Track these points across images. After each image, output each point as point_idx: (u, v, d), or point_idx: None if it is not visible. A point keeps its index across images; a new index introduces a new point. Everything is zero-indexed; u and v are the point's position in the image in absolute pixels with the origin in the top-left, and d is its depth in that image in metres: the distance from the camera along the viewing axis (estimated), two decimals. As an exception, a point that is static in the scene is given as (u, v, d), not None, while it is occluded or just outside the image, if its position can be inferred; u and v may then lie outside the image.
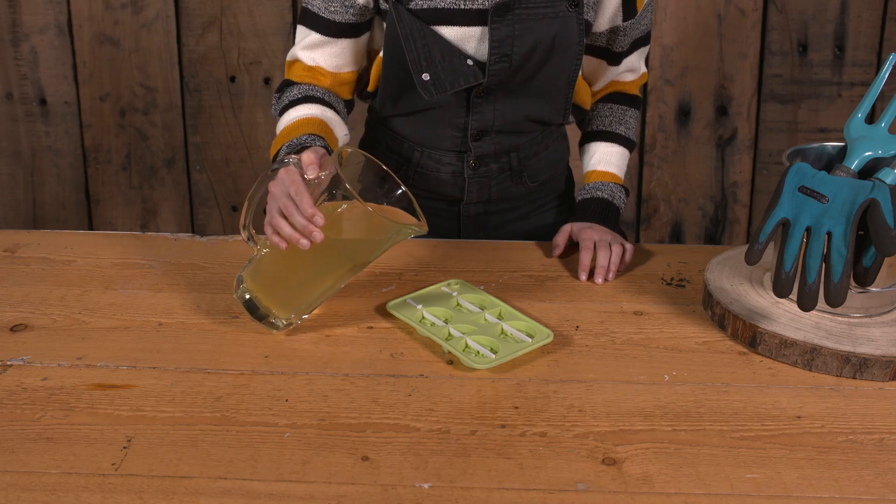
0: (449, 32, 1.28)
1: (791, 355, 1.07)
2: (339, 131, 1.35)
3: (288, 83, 1.37)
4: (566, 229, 1.35)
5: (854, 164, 1.15)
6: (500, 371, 1.05)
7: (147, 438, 0.93)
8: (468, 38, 1.28)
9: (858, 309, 1.11)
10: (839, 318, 1.11)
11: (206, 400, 0.99)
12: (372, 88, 1.39)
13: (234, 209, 2.49)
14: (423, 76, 1.27)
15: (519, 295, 1.22)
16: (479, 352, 1.08)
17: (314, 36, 1.34)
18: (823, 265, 1.04)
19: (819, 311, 1.11)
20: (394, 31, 1.27)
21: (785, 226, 1.07)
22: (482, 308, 1.17)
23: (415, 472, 0.89)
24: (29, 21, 2.34)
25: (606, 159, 1.45)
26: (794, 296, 1.07)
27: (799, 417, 0.97)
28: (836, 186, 1.06)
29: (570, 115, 1.42)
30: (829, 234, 1.04)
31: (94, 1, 2.32)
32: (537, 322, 1.13)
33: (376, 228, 1.07)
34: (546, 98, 1.36)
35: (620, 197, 1.42)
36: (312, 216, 1.03)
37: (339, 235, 1.07)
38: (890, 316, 1.12)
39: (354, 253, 1.10)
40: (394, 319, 1.16)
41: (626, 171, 1.47)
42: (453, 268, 1.29)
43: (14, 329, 1.13)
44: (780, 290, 1.05)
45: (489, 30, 1.26)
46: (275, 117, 1.37)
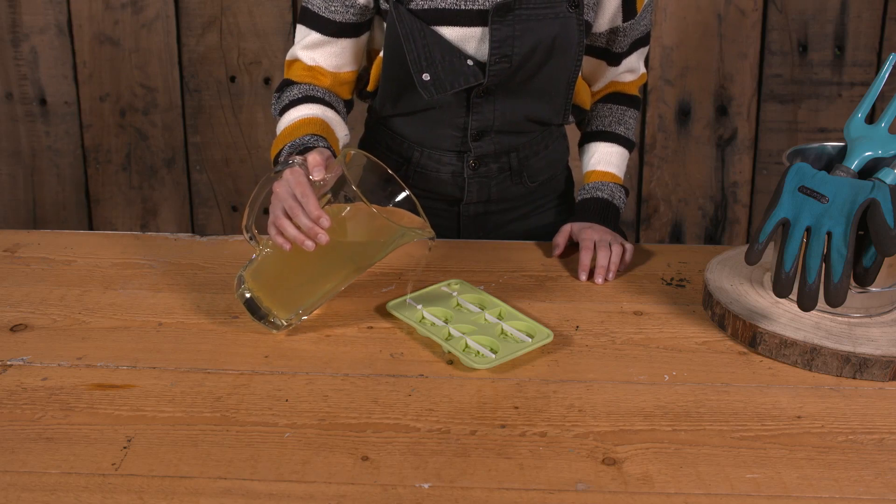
0: (449, 33, 1.28)
1: (791, 355, 1.07)
2: (340, 131, 1.35)
3: (288, 83, 1.37)
4: (566, 229, 1.35)
5: (854, 164, 1.15)
6: (500, 371, 1.05)
7: (147, 438, 0.93)
8: (468, 39, 1.28)
9: (858, 309, 1.11)
10: (839, 318, 1.11)
11: (206, 400, 0.99)
12: (372, 88, 1.39)
13: (235, 209, 2.49)
14: (423, 76, 1.27)
15: (519, 295, 1.22)
16: (479, 352, 1.08)
17: (314, 35, 1.34)
18: (823, 265, 1.04)
19: (819, 311, 1.11)
20: (394, 31, 1.27)
21: (785, 226, 1.07)
22: (482, 308, 1.17)
23: (415, 472, 0.89)
24: (29, 21, 2.34)
25: (606, 159, 1.45)
26: (794, 296, 1.07)
27: (799, 417, 0.97)
28: (836, 186, 1.06)
29: (569, 116, 1.42)
30: (829, 234, 1.04)
31: (94, 1, 2.32)
32: (537, 322, 1.13)
33: (381, 231, 1.07)
34: (546, 98, 1.36)
35: (620, 197, 1.42)
36: (318, 218, 1.03)
37: (343, 237, 1.07)
38: (890, 316, 1.12)
39: (358, 255, 1.10)
40: (394, 319, 1.16)
41: (626, 171, 1.47)
42: (453, 268, 1.29)
43: (14, 329, 1.13)
44: (780, 290, 1.05)
45: (489, 30, 1.25)
46: (274, 117, 1.36)
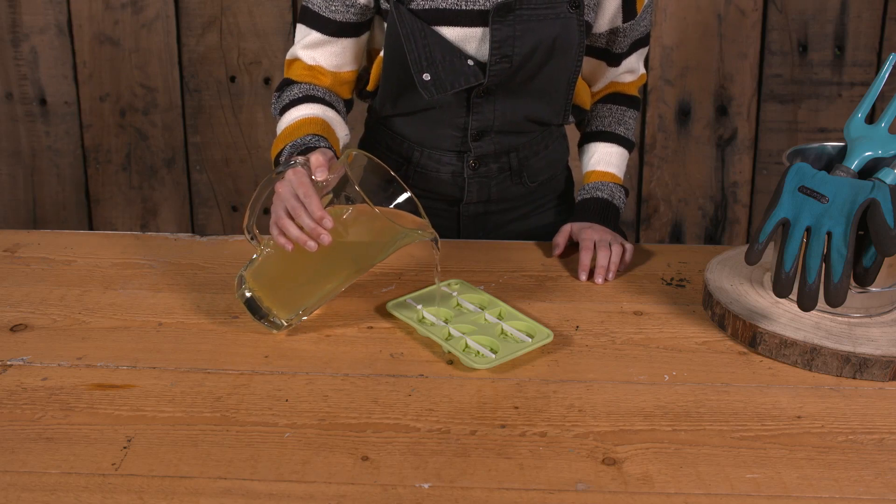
0: (450, 33, 1.28)
1: (791, 355, 1.07)
2: (340, 131, 1.35)
3: (288, 82, 1.37)
4: (566, 229, 1.35)
5: (854, 164, 1.15)
6: (500, 371, 1.05)
7: (147, 438, 0.93)
8: (469, 39, 1.28)
9: (858, 309, 1.11)
10: (839, 318, 1.11)
11: (206, 400, 0.99)
12: (372, 88, 1.39)
13: (235, 209, 2.49)
14: (423, 76, 1.27)
15: (519, 295, 1.22)
16: (479, 352, 1.08)
17: (314, 35, 1.34)
18: (823, 265, 1.04)
19: (819, 311, 1.11)
20: (394, 31, 1.27)
21: (785, 226, 1.07)
22: (482, 308, 1.17)
23: (415, 472, 0.89)
24: (29, 21, 2.34)
25: (606, 159, 1.45)
26: (794, 296, 1.07)
27: (799, 417, 0.97)
28: (836, 186, 1.06)
29: (570, 116, 1.42)
30: (829, 234, 1.04)
31: (94, 1, 2.32)
32: (537, 322, 1.13)
33: (383, 232, 1.07)
34: (546, 99, 1.36)
35: (620, 197, 1.42)
36: (321, 219, 1.03)
37: (345, 238, 1.07)
38: (890, 316, 1.12)
39: (360, 256, 1.10)
40: (394, 319, 1.16)
41: (626, 171, 1.47)
42: (453, 268, 1.29)
43: (14, 329, 1.13)
44: (780, 290, 1.05)
45: (490, 30, 1.25)
46: (275, 116, 1.36)
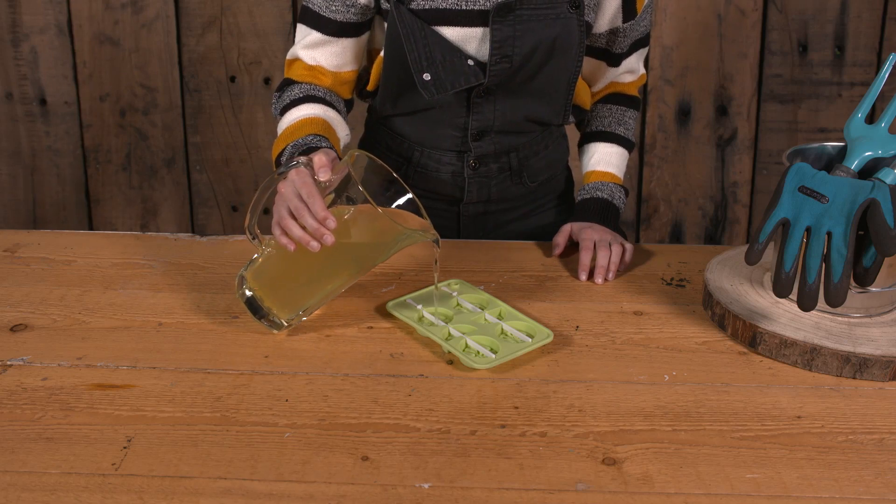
0: (450, 33, 1.28)
1: (791, 355, 1.07)
2: (341, 131, 1.35)
3: (288, 82, 1.37)
4: (566, 229, 1.35)
5: (854, 164, 1.15)
6: (500, 371, 1.05)
7: (147, 438, 0.93)
8: (469, 39, 1.28)
9: (858, 309, 1.11)
10: (839, 318, 1.11)
11: (206, 400, 0.99)
12: (372, 88, 1.39)
13: (235, 209, 2.49)
14: (423, 76, 1.27)
15: (519, 295, 1.22)
16: (479, 352, 1.08)
17: (315, 35, 1.34)
18: (823, 265, 1.04)
19: (819, 311, 1.11)
20: (395, 31, 1.27)
21: (785, 226, 1.07)
22: (482, 308, 1.17)
23: (415, 472, 0.89)
24: (29, 21, 2.34)
25: (606, 160, 1.45)
26: (794, 296, 1.07)
27: (799, 417, 0.97)
28: (836, 186, 1.06)
29: (570, 116, 1.42)
30: (829, 234, 1.04)
31: (94, 1, 2.32)
32: (537, 322, 1.13)
33: (385, 232, 1.07)
34: (546, 99, 1.36)
35: (620, 197, 1.42)
36: (325, 219, 1.03)
37: (346, 239, 1.07)
38: (890, 316, 1.12)
39: (361, 256, 1.10)
40: (394, 319, 1.16)
41: (626, 171, 1.47)
42: (453, 268, 1.29)
43: (14, 329, 1.13)
44: (780, 290, 1.05)
45: (490, 30, 1.25)
46: (275, 116, 1.36)
